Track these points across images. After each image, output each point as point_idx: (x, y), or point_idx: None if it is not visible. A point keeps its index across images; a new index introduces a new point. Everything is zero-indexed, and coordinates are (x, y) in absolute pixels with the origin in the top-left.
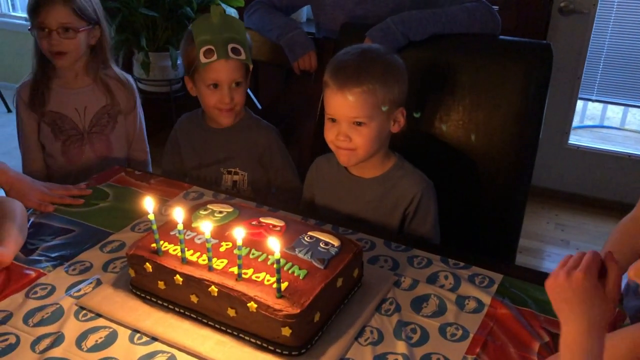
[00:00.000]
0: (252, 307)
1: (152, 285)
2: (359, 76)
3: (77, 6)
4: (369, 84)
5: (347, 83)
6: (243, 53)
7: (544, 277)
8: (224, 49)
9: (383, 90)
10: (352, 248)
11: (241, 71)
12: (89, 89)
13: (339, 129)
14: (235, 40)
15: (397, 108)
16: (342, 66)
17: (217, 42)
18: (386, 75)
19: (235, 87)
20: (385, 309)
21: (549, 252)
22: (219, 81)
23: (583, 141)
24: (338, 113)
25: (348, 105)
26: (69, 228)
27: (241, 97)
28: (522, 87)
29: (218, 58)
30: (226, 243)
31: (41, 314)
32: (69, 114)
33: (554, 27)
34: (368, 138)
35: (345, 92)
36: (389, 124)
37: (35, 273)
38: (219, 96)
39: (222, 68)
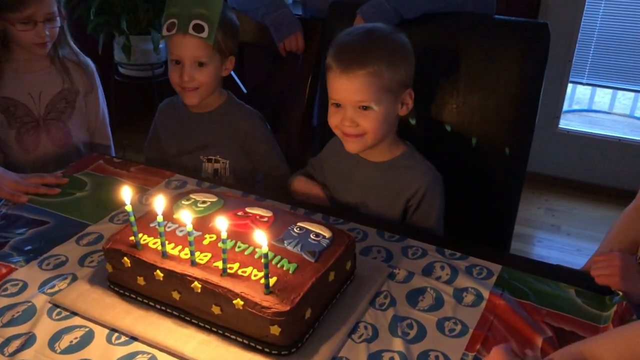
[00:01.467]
0: (238, 305)
1: (131, 281)
2: (363, 57)
3: None
4: (375, 66)
5: (351, 65)
6: (206, 31)
7: (544, 268)
8: (186, 24)
9: (390, 71)
10: (344, 239)
11: (205, 50)
12: (44, 72)
13: (344, 114)
14: (202, 16)
15: (404, 90)
16: (345, 47)
17: (181, 15)
18: (393, 56)
19: (199, 67)
20: (379, 303)
21: (540, 237)
22: (180, 57)
23: (572, 125)
24: (342, 97)
25: (353, 89)
26: (42, 219)
27: (205, 78)
28: (519, 68)
29: (176, 32)
30: (210, 235)
31: (11, 313)
32: (22, 100)
33: (545, 8)
34: (376, 122)
35: (350, 75)
36: (396, 107)
37: (6, 269)
38: (179, 73)
39: (181, 43)
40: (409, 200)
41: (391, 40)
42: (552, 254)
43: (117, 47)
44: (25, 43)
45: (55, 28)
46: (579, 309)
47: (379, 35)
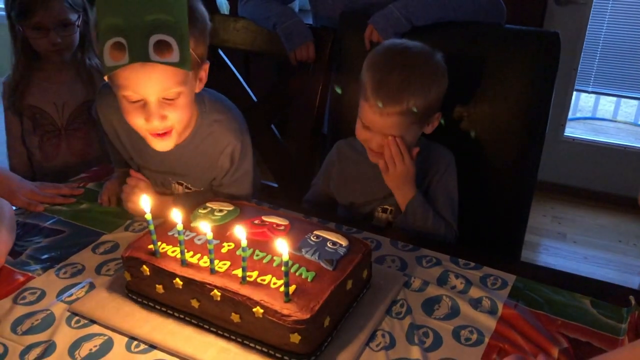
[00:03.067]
0: (258, 313)
1: (149, 289)
2: (401, 96)
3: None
4: (409, 103)
5: (387, 104)
6: (176, 50)
7: (559, 277)
8: (143, 44)
9: (423, 105)
10: (361, 248)
11: (176, 78)
12: (69, 83)
13: (372, 136)
14: (164, 26)
15: (434, 114)
16: (384, 83)
17: (132, 30)
18: (429, 89)
19: (170, 101)
20: (396, 312)
21: (546, 245)
22: (141, 96)
23: (577, 133)
24: (374, 127)
25: (385, 125)
26: (58, 229)
27: (181, 113)
28: (529, 77)
29: (131, 61)
30: (228, 244)
31: (30, 321)
32: (47, 109)
33: (550, 17)
34: (401, 147)
35: (384, 113)
36: (423, 128)
37: (24, 277)
38: (144, 116)
39: (142, 77)
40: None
41: (428, 72)
42: (558, 262)
43: None
44: (40, 50)
45: (71, 35)
46: (594, 320)
47: (419, 66)
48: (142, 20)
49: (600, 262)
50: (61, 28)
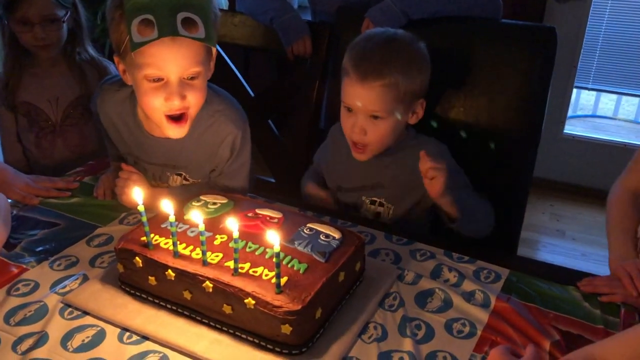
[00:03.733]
0: (249, 304)
1: (142, 280)
2: (382, 68)
3: None
4: (392, 77)
5: (368, 75)
6: (202, 27)
7: (552, 271)
8: (171, 21)
9: (406, 83)
10: (354, 240)
11: (199, 57)
12: (62, 79)
13: (355, 120)
14: (190, 5)
15: (417, 100)
16: (364, 56)
17: (159, 7)
18: (411, 67)
19: (190, 81)
20: (389, 304)
21: (545, 242)
22: (165, 74)
23: (577, 131)
24: (356, 105)
25: (368, 99)
26: (53, 221)
27: (198, 97)
28: (526, 72)
29: (160, 35)
30: (221, 236)
31: (23, 312)
32: (41, 105)
33: (550, 13)
34: (383, 133)
35: (366, 85)
36: (407, 117)
37: (18, 269)
38: (164, 95)
39: (168, 52)
40: None
41: (411, 51)
42: (557, 259)
43: None
44: (26, 45)
45: (57, 31)
46: (586, 313)
47: (399, 45)
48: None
49: (598, 260)
50: (47, 23)
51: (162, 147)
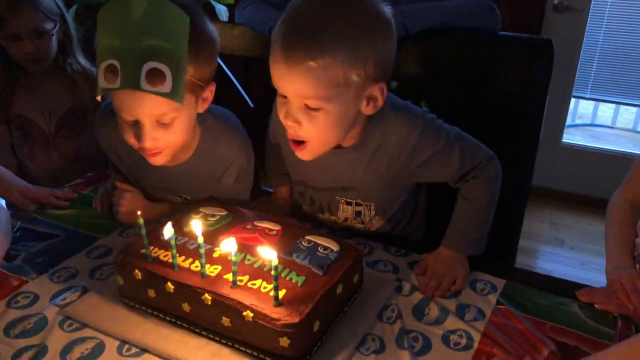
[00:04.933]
0: (248, 317)
1: (141, 293)
2: (312, 41)
3: (44, 7)
4: (327, 55)
5: (294, 50)
6: (168, 80)
7: (548, 281)
8: (136, 72)
9: (349, 62)
10: (352, 252)
11: (169, 106)
12: (54, 90)
13: (287, 108)
14: (160, 53)
15: (373, 83)
16: (295, 22)
17: (127, 54)
18: (356, 40)
19: (164, 125)
20: (387, 317)
21: (544, 251)
22: (135, 118)
23: (576, 140)
24: (285, 88)
25: (296, 81)
26: (53, 233)
27: (174, 137)
28: (523, 84)
29: (122, 86)
30: (219, 248)
31: (23, 325)
32: (35, 118)
33: (548, 24)
34: (323, 128)
35: (291, 64)
36: (358, 105)
37: (17, 281)
38: (134, 133)
39: (133, 101)
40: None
41: (358, 14)
42: (556, 268)
43: None
44: (16, 59)
45: (46, 44)
46: (582, 324)
47: (344, 8)
48: (139, 45)
49: (598, 268)
50: (36, 37)
51: (162, 173)
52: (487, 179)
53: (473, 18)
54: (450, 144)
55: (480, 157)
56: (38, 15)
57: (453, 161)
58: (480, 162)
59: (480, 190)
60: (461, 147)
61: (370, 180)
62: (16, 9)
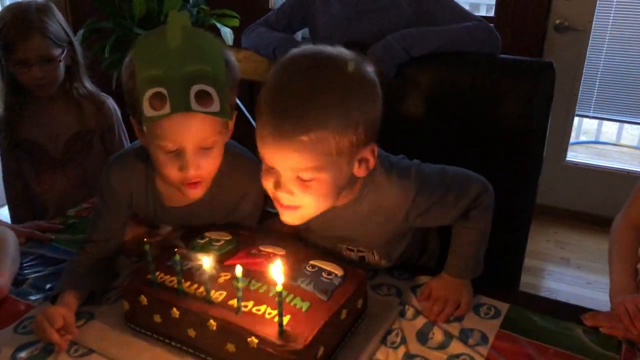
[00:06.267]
0: (252, 342)
1: (147, 318)
2: (301, 116)
3: (53, 34)
4: (318, 128)
5: (284, 126)
6: (216, 100)
7: (551, 305)
8: (184, 95)
9: (340, 129)
10: (356, 277)
11: (214, 128)
12: (61, 115)
13: (277, 179)
14: (204, 76)
15: (364, 147)
16: (281, 92)
17: (172, 80)
18: (345, 107)
19: (205, 151)
20: (391, 341)
21: (550, 270)
22: (179, 146)
23: (580, 157)
24: (275, 163)
25: (288, 157)
26: (60, 258)
27: (214, 164)
28: (525, 106)
29: (173, 111)
30: (224, 274)
31: (30, 350)
32: (40, 141)
33: (550, 44)
34: (318, 195)
35: (282, 140)
36: (351, 168)
37: (25, 306)
38: (178, 165)
39: (181, 127)
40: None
41: (347, 87)
42: (561, 287)
43: None
44: (24, 85)
45: (54, 70)
46: (586, 349)
47: (329, 78)
48: (182, 71)
49: (603, 288)
50: (44, 63)
51: (179, 216)
52: (484, 207)
53: (473, 42)
54: (444, 194)
55: (475, 191)
56: (46, 42)
57: (450, 208)
58: (475, 195)
59: (478, 218)
60: (455, 191)
61: (368, 232)
62: (25, 36)
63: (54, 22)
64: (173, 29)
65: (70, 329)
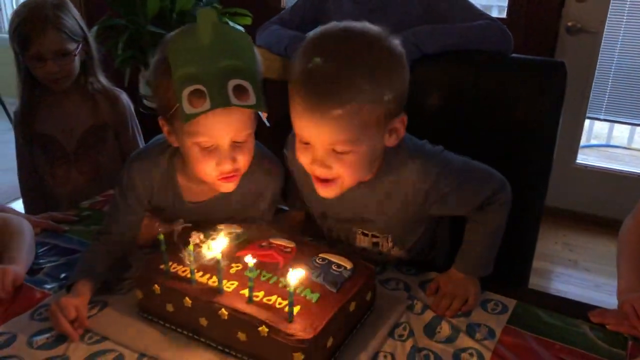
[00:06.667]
0: (263, 331)
1: (160, 307)
2: (337, 91)
3: (68, 29)
4: (353, 102)
5: (319, 102)
6: (252, 94)
7: (558, 302)
8: (223, 91)
9: (373, 104)
10: (365, 271)
11: (248, 122)
12: (76, 109)
13: (313, 155)
14: (239, 71)
15: (395, 117)
16: (315, 72)
17: (209, 77)
18: (378, 84)
19: (240, 144)
20: (398, 334)
21: (558, 272)
22: (216, 142)
23: (590, 160)
24: (311, 138)
25: (323, 131)
26: (75, 248)
27: (248, 157)
28: (535, 106)
29: (213, 107)
30: (236, 265)
31: (46, 337)
32: (56, 136)
33: (562, 46)
34: (354, 165)
35: (316, 115)
36: (382, 139)
37: (41, 294)
38: (215, 160)
39: (220, 121)
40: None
41: (376, 60)
42: (570, 289)
43: (143, 80)
44: (40, 79)
45: (69, 65)
46: (593, 345)
47: (358, 49)
48: (217, 67)
49: (612, 290)
50: (59, 57)
51: (196, 211)
52: (500, 205)
53: (485, 40)
54: (464, 182)
55: (493, 186)
56: (62, 36)
57: (468, 197)
58: (493, 190)
59: (493, 215)
60: (475, 182)
61: (386, 213)
62: (41, 31)
63: (69, 17)
64: (204, 26)
65: (82, 321)
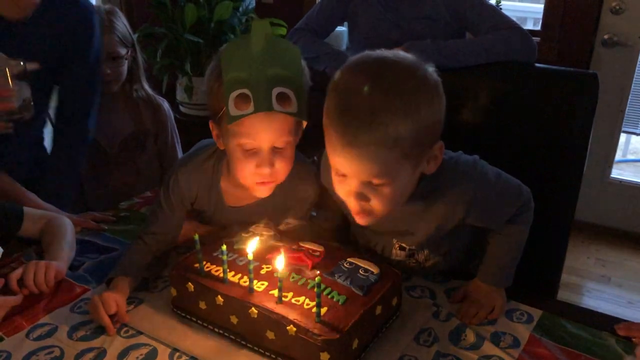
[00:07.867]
0: (291, 331)
1: (193, 305)
2: (375, 119)
3: (120, 33)
4: (390, 136)
5: (356, 135)
6: (294, 102)
7: (584, 314)
8: (267, 96)
9: (411, 134)
10: (391, 276)
11: (289, 129)
12: (120, 114)
13: (349, 187)
14: (285, 81)
15: (431, 145)
16: (350, 105)
17: (256, 82)
18: (415, 111)
19: (280, 150)
20: (423, 340)
21: (589, 287)
22: (257, 144)
23: (625, 175)
24: (345, 170)
25: (361, 166)
26: (113, 247)
27: (287, 165)
28: (567, 117)
29: (256, 110)
30: (267, 266)
31: (85, 329)
32: (99, 139)
33: (597, 59)
34: (391, 197)
35: (353, 149)
36: (420, 168)
37: (80, 289)
38: (255, 163)
39: (262, 125)
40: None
41: (413, 87)
42: (601, 305)
43: (180, 87)
44: None
45: (119, 68)
46: (618, 358)
47: (394, 83)
48: (265, 74)
49: None
50: (111, 61)
51: (235, 215)
52: (526, 217)
53: (509, 51)
54: (497, 196)
55: (523, 200)
56: (114, 40)
57: (502, 212)
58: (522, 204)
59: (519, 228)
60: (507, 197)
61: (427, 227)
62: None
63: (120, 23)
64: (257, 36)
65: (122, 316)
